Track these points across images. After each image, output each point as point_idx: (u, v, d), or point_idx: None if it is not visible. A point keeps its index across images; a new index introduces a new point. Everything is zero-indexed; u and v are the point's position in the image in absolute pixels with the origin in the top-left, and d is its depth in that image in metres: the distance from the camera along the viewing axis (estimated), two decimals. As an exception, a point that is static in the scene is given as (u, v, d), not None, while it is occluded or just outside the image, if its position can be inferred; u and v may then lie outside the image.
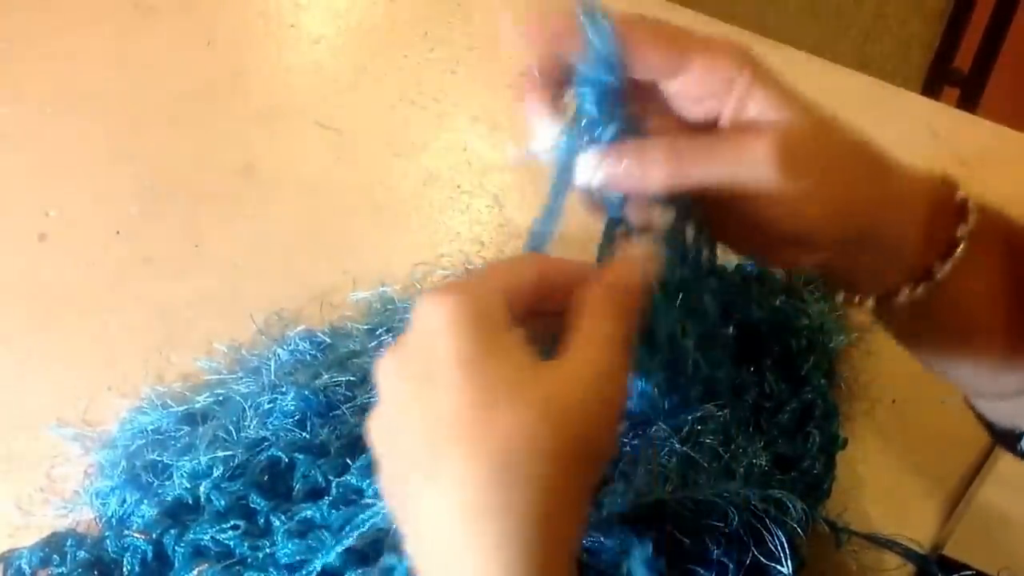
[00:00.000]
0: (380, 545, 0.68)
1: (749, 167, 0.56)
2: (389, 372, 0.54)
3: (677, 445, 0.74)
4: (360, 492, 0.73)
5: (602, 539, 0.68)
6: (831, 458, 0.79)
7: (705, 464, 0.74)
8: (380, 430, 0.54)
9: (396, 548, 0.60)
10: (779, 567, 0.72)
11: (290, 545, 0.70)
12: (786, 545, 0.73)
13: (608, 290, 0.55)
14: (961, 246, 0.60)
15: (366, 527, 0.69)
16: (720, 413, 0.76)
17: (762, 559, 0.71)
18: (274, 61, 1.18)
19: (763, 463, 0.75)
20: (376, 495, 0.71)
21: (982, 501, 0.80)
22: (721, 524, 0.71)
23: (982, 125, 1.14)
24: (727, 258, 0.75)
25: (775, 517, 0.73)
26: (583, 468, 0.52)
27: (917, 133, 1.11)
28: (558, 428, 0.50)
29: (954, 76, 1.65)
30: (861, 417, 0.86)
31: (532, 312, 0.55)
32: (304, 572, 0.70)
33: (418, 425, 0.51)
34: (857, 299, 0.64)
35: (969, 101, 1.65)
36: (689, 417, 0.76)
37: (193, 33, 1.18)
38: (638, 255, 0.58)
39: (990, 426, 0.71)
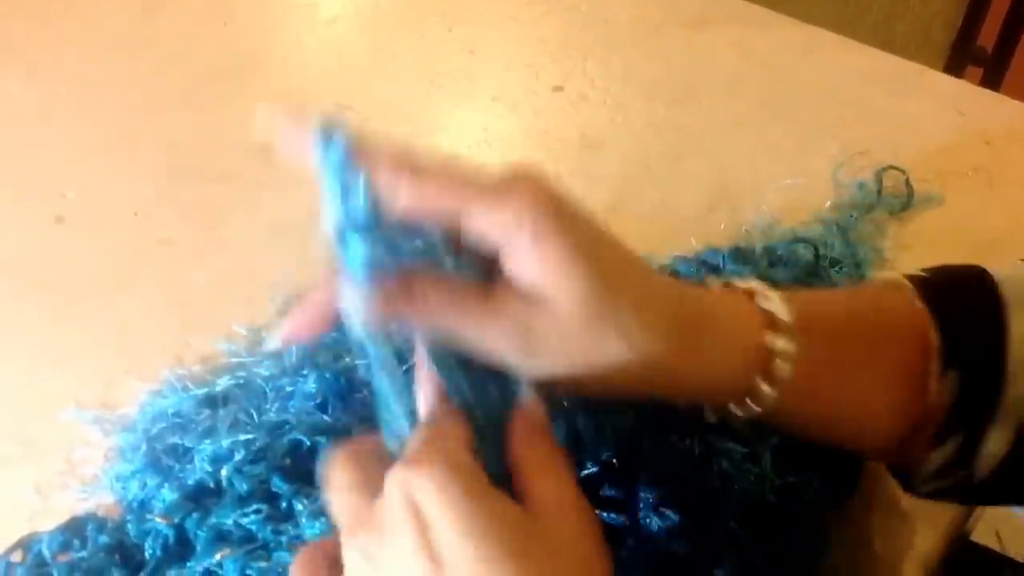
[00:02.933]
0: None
1: (494, 345, 0.54)
2: (367, 549, 0.52)
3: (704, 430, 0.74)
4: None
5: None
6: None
7: (730, 445, 0.74)
8: None
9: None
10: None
11: (316, 525, 0.70)
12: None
13: (545, 449, 0.55)
14: (777, 363, 0.59)
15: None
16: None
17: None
18: (291, 41, 1.18)
19: (790, 445, 0.74)
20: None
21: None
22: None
23: (1007, 103, 1.13)
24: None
25: (798, 496, 0.73)
26: None
27: (942, 112, 1.09)
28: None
29: (977, 55, 1.64)
30: None
31: None
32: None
33: None
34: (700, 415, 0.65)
35: (992, 80, 1.64)
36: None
37: (210, 14, 1.18)
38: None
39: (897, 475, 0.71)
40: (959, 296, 0.64)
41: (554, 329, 0.54)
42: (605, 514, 0.70)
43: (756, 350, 0.59)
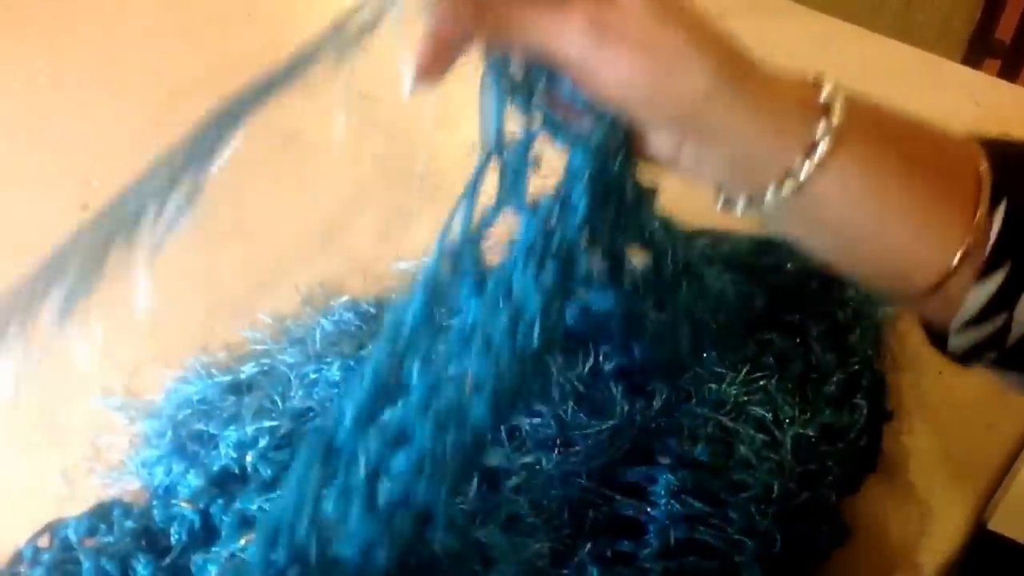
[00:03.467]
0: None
1: (560, 40, 0.58)
2: None
3: (721, 417, 0.75)
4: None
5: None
6: (877, 431, 0.79)
7: (751, 433, 0.74)
8: None
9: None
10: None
11: None
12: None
13: None
14: (822, 145, 0.58)
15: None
16: (765, 383, 0.77)
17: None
18: (314, 31, 1.18)
19: (810, 434, 0.75)
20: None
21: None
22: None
23: (1025, 95, 1.14)
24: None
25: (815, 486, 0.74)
26: None
27: (960, 103, 1.10)
28: None
29: (996, 47, 1.64)
30: (907, 388, 0.85)
31: None
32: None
33: None
34: (728, 202, 0.63)
35: (1011, 71, 1.64)
36: (732, 390, 0.77)
37: (234, 6, 1.19)
38: None
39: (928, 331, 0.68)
40: (1008, 143, 0.64)
41: (626, 20, 0.57)
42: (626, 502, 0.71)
43: (805, 119, 0.59)
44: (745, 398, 0.77)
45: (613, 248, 0.65)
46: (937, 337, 0.66)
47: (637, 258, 0.69)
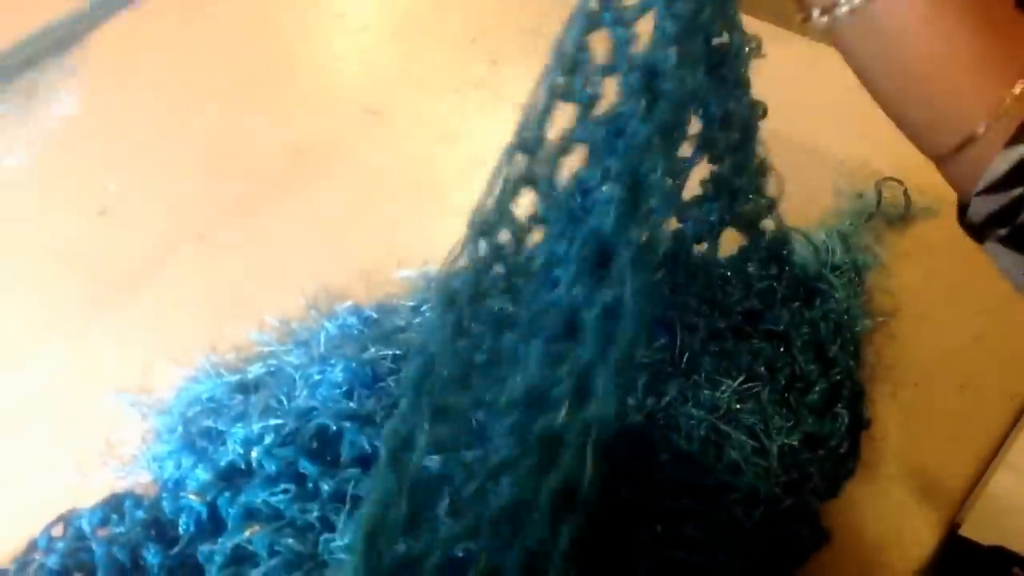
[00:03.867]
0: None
1: None
2: None
3: (715, 420, 0.78)
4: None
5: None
6: (856, 438, 0.81)
7: (743, 438, 0.77)
8: None
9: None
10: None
11: (340, 507, 0.74)
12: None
13: None
14: None
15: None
16: (758, 391, 0.80)
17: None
18: (323, 48, 1.21)
19: (794, 442, 0.78)
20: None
21: (999, 485, 0.82)
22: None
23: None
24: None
25: (798, 492, 0.77)
26: None
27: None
28: None
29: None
30: (885, 399, 0.87)
31: None
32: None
33: None
34: (805, 15, 0.63)
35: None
36: (726, 396, 0.79)
37: (247, 21, 1.21)
38: None
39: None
40: None
41: None
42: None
43: None
44: (738, 405, 0.79)
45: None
46: (958, 210, 0.66)
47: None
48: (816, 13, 0.61)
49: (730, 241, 0.84)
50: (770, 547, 0.74)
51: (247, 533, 0.74)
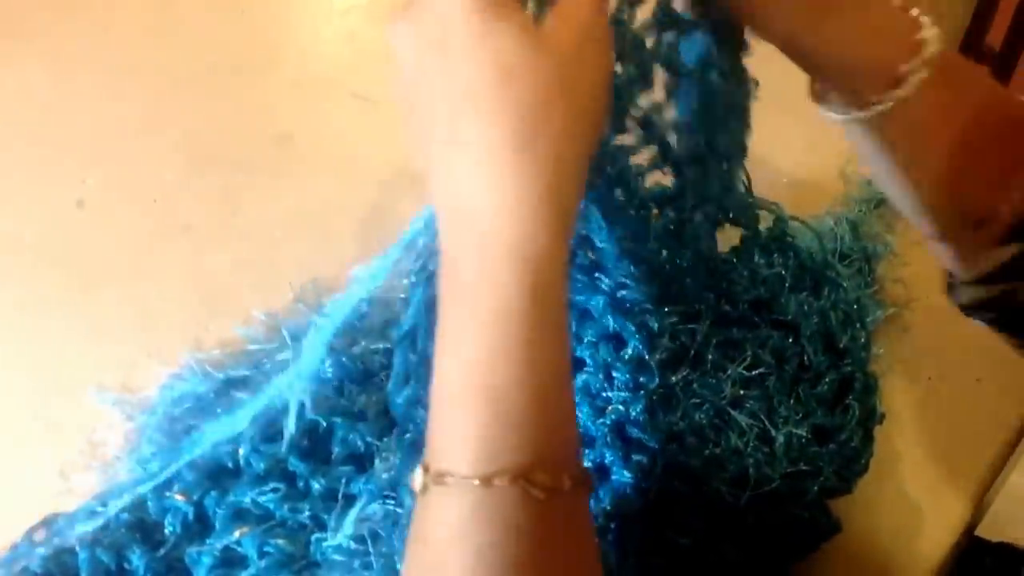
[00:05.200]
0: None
1: None
2: (405, 37, 0.57)
3: (721, 403, 0.75)
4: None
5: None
6: (869, 432, 0.79)
7: (745, 423, 0.75)
8: (404, 92, 0.58)
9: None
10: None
11: (331, 504, 0.72)
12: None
13: None
14: (903, 87, 0.62)
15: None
16: (764, 379, 0.78)
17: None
18: (307, 31, 1.18)
19: (803, 433, 0.76)
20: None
21: (1016, 483, 0.81)
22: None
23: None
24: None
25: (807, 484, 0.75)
26: (590, 139, 0.58)
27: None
28: (572, 106, 0.55)
29: (985, 53, 1.65)
30: (898, 393, 0.86)
31: None
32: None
33: (440, 92, 0.56)
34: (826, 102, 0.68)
35: (1002, 77, 1.65)
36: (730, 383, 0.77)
37: (228, 4, 1.19)
38: None
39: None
40: None
41: None
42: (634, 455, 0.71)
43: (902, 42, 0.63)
44: (743, 392, 0.77)
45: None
46: (947, 286, 0.71)
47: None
48: (837, 103, 0.66)
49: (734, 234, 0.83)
50: (771, 533, 0.73)
51: (236, 534, 0.73)
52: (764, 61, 0.68)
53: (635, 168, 0.70)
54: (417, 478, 0.54)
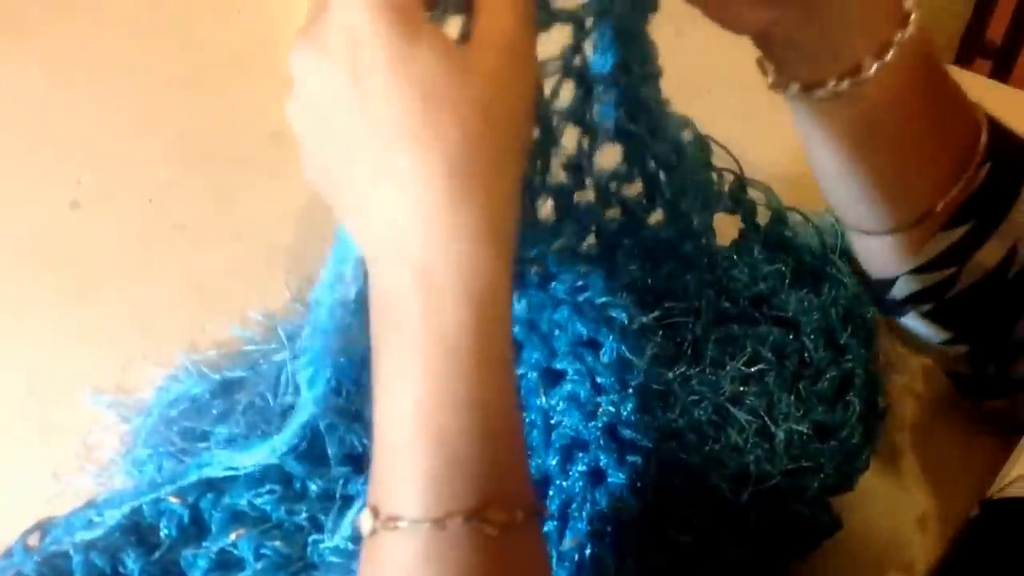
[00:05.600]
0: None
1: None
2: (308, 64, 0.55)
3: (721, 400, 0.75)
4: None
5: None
6: (870, 429, 0.79)
7: (745, 419, 0.75)
8: (306, 121, 0.57)
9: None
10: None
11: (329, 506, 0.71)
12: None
13: None
14: (892, 51, 0.62)
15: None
16: (764, 376, 0.78)
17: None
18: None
19: (803, 430, 0.75)
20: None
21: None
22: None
23: (1016, 96, 1.13)
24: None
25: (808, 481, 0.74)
26: (520, 158, 0.56)
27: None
28: (501, 126, 0.53)
29: (986, 48, 1.64)
30: (899, 389, 0.85)
31: None
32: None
33: (359, 124, 0.53)
34: (783, 85, 0.66)
35: (1001, 73, 1.64)
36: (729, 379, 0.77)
37: (221, 1, 1.18)
38: None
39: (865, 277, 0.76)
40: (1005, 128, 0.70)
41: None
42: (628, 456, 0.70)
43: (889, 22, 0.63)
44: (742, 388, 0.77)
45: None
46: (878, 283, 0.73)
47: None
48: (796, 88, 0.65)
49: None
50: (771, 530, 0.72)
51: (232, 536, 0.72)
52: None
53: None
54: (365, 521, 0.53)
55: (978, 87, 1.14)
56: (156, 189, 0.99)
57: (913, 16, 0.62)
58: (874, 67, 0.62)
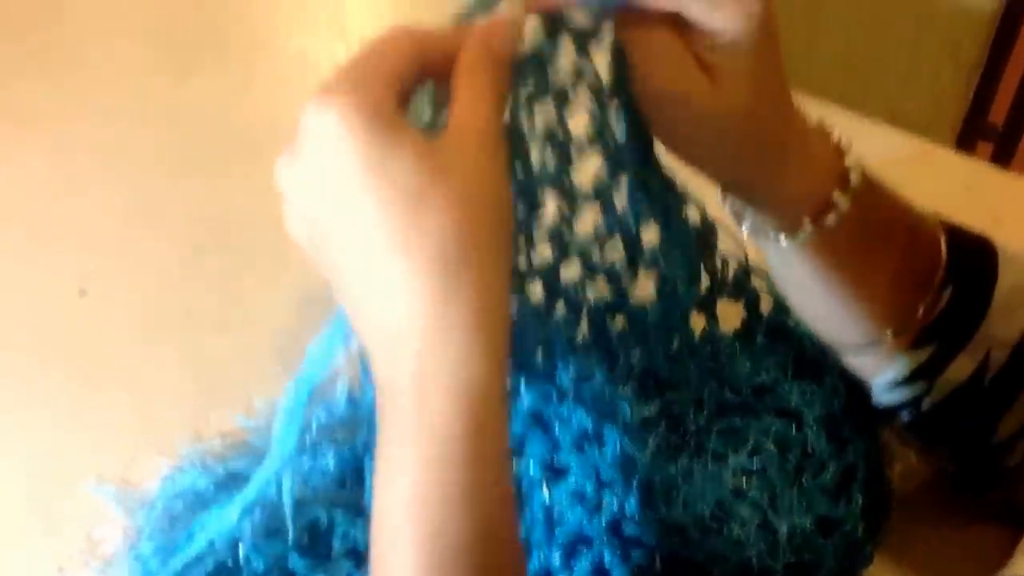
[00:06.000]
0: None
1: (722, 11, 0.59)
2: (293, 178, 0.57)
3: (723, 492, 0.76)
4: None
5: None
6: (874, 522, 0.79)
7: (747, 512, 0.74)
8: (299, 229, 0.59)
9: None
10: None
11: None
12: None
13: (479, 44, 0.57)
14: (831, 215, 0.65)
15: None
16: (766, 469, 0.78)
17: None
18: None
19: (806, 524, 0.75)
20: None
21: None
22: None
23: (1017, 182, 1.14)
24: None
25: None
26: (505, 244, 0.56)
27: (951, 189, 1.10)
28: (480, 217, 0.54)
29: (988, 129, 1.65)
30: (902, 478, 0.84)
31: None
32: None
33: (343, 234, 0.55)
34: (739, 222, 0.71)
35: (1004, 155, 1.65)
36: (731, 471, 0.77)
37: (232, 84, 1.20)
38: (511, 11, 0.59)
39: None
40: (967, 237, 0.72)
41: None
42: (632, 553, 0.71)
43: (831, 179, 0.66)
44: (745, 481, 0.77)
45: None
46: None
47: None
48: (782, 237, 0.67)
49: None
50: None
51: None
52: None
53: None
54: None
55: (980, 172, 1.16)
56: (163, 275, 0.99)
57: (852, 175, 0.65)
58: (810, 229, 0.66)
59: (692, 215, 0.73)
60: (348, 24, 1.29)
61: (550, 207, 0.68)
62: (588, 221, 0.71)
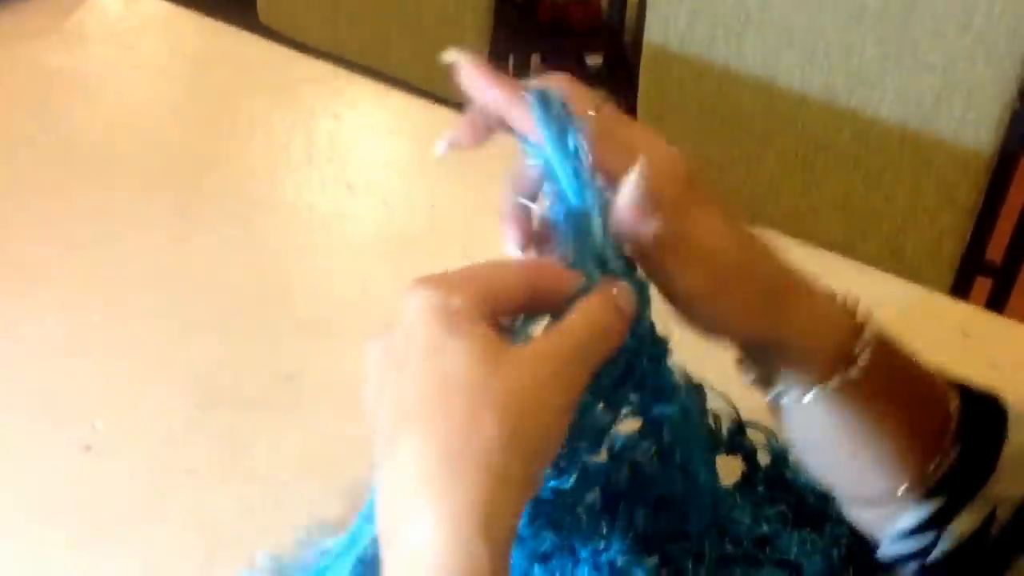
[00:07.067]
0: None
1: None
2: (374, 354, 0.60)
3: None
4: None
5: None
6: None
7: None
8: (366, 405, 0.61)
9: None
10: None
11: None
12: None
13: (603, 297, 0.60)
14: (834, 379, 0.67)
15: None
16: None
17: None
18: (318, 267, 1.21)
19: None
20: None
21: None
22: None
23: (1014, 328, 1.15)
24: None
25: None
26: (530, 458, 0.56)
27: (948, 335, 1.11)
28: (510, 421, 0.54)
29: (986, 268, 1.67)
30: None
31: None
32: None
33: (388, 405, 0.57)
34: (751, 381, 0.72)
35: (1001, 293, 1.66)
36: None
37: (237, 242, 1.21)
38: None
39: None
40: (978, 396, 0.73)
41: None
42: None
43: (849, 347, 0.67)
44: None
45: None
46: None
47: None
48: (798, 393, 0.69)
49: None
50: None
51: None
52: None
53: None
54: None
55: (977, 318, 1.17)
56: (169, 432, 1.00)
57: (867, 328, 0.67)
58: (836, 380, 0.67)
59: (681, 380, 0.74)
60: (354, 180, 1.31)
61: None
62: None
